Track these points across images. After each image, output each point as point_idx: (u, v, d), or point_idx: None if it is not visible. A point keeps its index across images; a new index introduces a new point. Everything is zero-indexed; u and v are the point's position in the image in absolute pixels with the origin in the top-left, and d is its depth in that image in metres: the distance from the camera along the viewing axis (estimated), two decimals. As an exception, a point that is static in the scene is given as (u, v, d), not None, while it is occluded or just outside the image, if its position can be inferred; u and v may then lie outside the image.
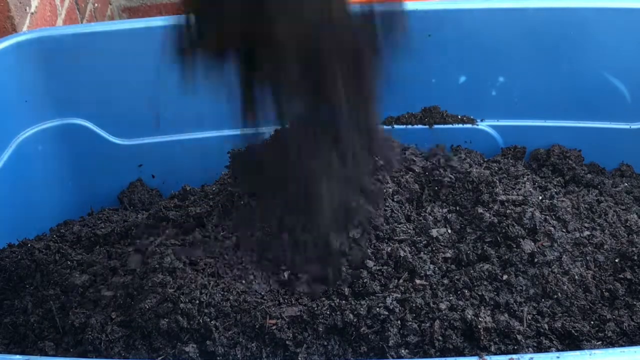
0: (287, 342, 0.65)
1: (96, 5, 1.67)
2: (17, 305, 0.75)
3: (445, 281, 0.72)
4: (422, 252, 0.74)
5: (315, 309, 0.66)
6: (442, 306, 0.67)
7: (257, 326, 0.66)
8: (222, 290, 0.69)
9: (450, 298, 0.69)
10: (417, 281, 0.71)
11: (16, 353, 0.70)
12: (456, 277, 0.72)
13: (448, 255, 0.75)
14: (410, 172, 0.81)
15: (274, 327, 0.65)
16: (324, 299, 0.68)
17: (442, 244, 0.76)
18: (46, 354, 0.67)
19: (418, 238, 0.76)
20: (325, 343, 0.65)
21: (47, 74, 0.93)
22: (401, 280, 0.71)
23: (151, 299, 0.67)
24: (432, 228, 0.77)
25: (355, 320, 0.65)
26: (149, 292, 0.68)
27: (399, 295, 0.68)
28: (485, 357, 0.53)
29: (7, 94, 0.90)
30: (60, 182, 1.00)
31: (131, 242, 0.82)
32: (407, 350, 0.64)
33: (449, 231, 0.78)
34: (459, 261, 0.74)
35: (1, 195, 0.89)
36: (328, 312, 0.66)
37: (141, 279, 0.70)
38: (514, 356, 0.52)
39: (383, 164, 0.78)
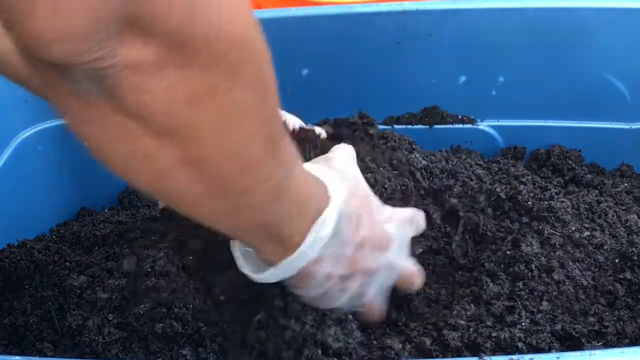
0: None
1: (96, 5, 1.67)
2: (16, 306, 0.75)
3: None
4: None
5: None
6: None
7: None
8: None
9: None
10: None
11: (15, 354, 0.70)
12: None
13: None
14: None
15: None
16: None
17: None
18: (45, 355, 0.67)
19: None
20: None
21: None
22: None
23: (145, 303, 0.67)
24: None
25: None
26: (142, 296, 0.67)
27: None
28: (485, 357, 0.53)
29: (7, 94, 0.90)
30: (60, 182, 1.00)
31: (127, 244, 0.82)
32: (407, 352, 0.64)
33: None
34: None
35: (1, 195, 0.89)
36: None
37: (134, 282, 0.70)
38: (514, 356, 0.52)
39: None
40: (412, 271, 0.67)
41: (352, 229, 0.58)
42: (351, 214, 0.58)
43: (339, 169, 0.61)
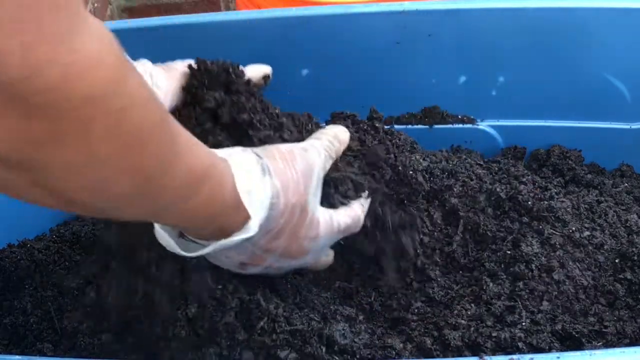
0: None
1: (96, 5, 1.67)
2: (16, 305, 0.75)
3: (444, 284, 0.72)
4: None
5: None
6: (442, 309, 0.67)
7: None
8: None
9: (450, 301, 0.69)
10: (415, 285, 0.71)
11: (15, 354, 0.70)
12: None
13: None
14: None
15: None
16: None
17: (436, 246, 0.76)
18: (45, 355, 0.67)
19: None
20: None
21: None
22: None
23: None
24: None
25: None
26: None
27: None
28: (485, 357, 0.53)
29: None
30: (60, 182, 1.00)
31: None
32: (407, 352, 0.64)
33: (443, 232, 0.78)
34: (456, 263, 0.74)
35: (1, 195, 0.89)
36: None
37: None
38: (514, 356, 0.52)
39: None
40: (319, 266, 0.69)
41: (268, 239, 0.59)
42: (272, 228, 0.58)
43: (292, 176, 0.59)
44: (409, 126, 1.00)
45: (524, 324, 0.66)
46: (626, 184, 0.95)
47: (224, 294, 0.65)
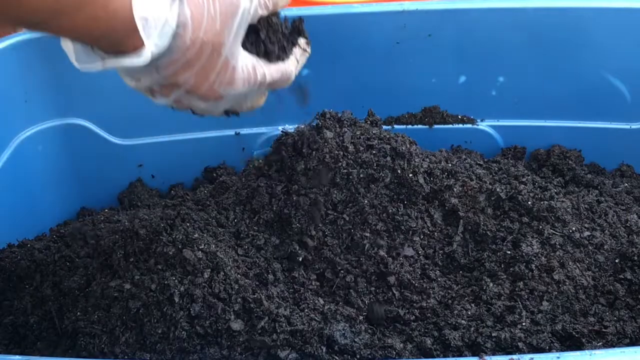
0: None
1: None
2: (16, 305, 0.75)
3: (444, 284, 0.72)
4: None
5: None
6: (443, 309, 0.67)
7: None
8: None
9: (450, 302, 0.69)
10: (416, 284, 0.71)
11: (16, 353, 0.70)
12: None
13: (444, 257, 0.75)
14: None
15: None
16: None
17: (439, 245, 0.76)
18: (45, 355, 0.67)
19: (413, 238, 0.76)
20: None
21: (47, 74, 0.92)
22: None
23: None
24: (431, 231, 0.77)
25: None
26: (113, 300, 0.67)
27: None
28: (486, 357, 0.53)
29: (7, 94, 0.90)
30: (60, 182, 1.00)
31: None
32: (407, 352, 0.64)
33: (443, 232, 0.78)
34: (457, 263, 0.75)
35: (1, 195, 0.89)
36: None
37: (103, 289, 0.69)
38: (514, 356, 0.52)
39: None
40: (249, 110, 0.69)
41: (172, 71, 0.58)
42: (176, 60, 0.57)
43: (208, 12, 0.57)
44: (409, 126, 1.00)
45: (524, 324, 0.66)
46: (626, 184, 0.95)
47: (227, 293, 0.66)
